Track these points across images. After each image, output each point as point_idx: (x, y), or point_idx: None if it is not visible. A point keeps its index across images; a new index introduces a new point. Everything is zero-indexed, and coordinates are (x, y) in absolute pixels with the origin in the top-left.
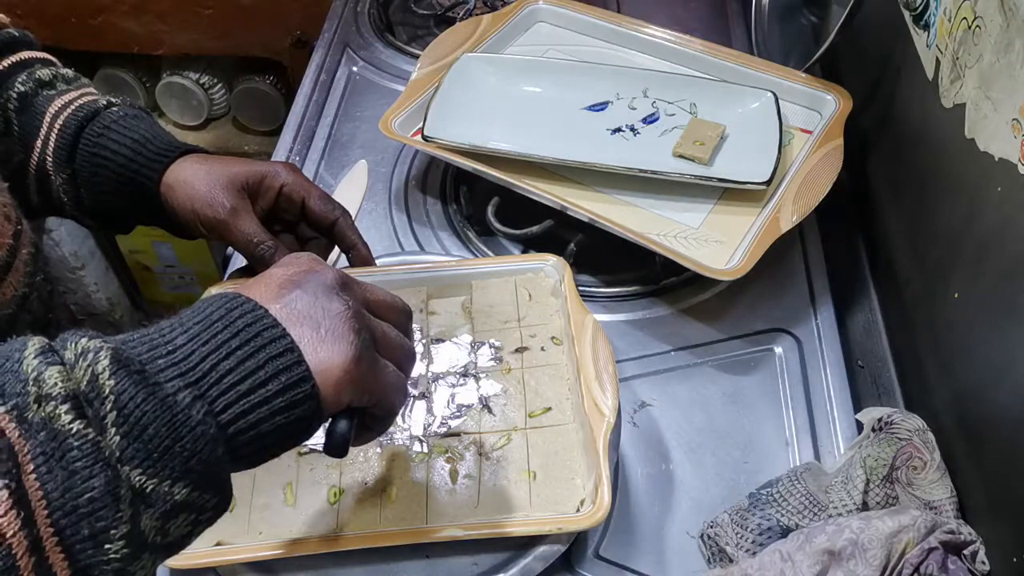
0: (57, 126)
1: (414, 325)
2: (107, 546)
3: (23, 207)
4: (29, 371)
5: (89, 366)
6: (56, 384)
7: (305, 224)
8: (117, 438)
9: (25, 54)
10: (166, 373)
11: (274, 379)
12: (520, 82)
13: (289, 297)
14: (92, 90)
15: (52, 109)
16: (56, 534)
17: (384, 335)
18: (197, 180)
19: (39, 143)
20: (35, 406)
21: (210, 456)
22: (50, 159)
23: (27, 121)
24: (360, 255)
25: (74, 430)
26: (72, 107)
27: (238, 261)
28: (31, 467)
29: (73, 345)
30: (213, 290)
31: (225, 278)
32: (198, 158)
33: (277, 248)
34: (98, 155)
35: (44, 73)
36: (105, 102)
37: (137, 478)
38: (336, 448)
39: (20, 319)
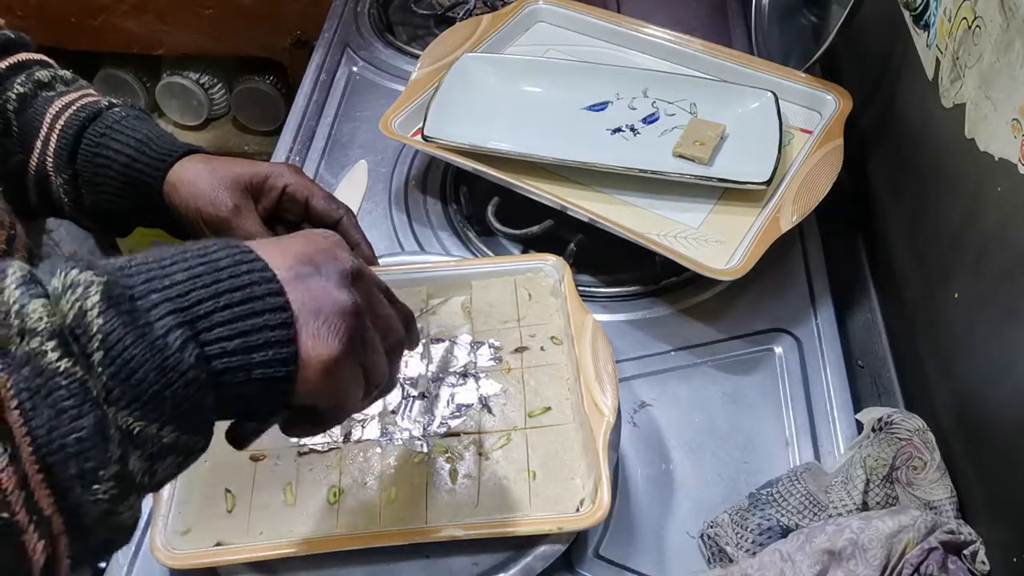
0: (58, 127)
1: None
2: (95, 486)
3: (21, 208)
4: (11, 302)
5: (78, 300)
6: (41, 319)
7: (308, 224)
8: (104, 378)
9: (23, 56)
10: (159, 309)
11: (262, 350)
12: (520, 82)
13: (301, 272)
14: (92, 91)
15: (52, 110)
16: (42, 471)
17: (373, 351)
18: (200, 179)
19: (39, 144)
20: (18, 339)
21: (201, 402)
22: (50, 160)
23: (27, 122)
24: (364, 254)
25: (61, 368)
26: (73, 108)
27: None
28: (14, 402)
29: (62, 275)
30: None
31: None
32: (201, 158)
33: None
34: (100, 155)
35: (43, 74)
36: (106, 103)
37: (124, 419)
38: (239, 439)
39: None
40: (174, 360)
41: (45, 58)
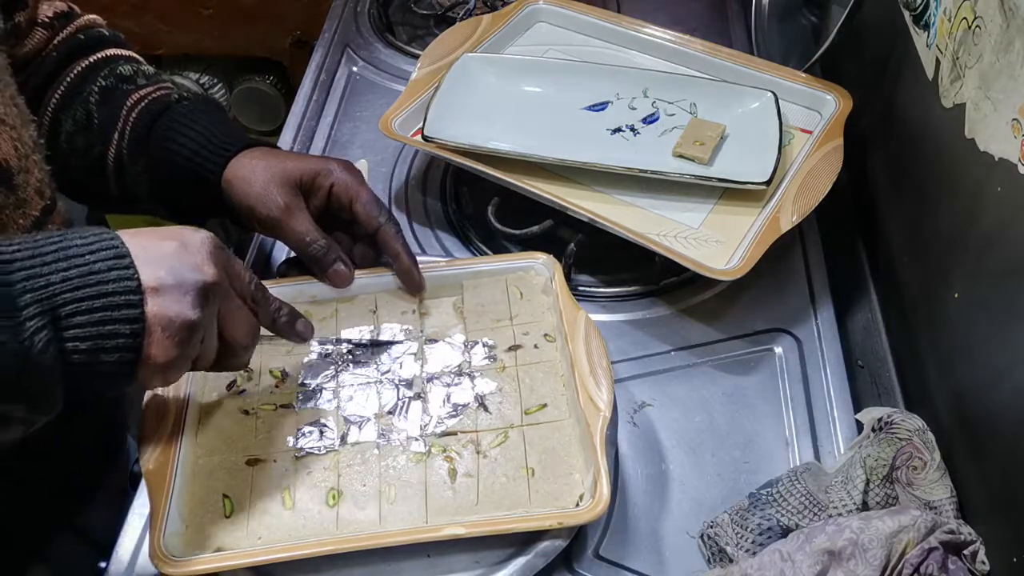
0: (132, 119)
1: (407, 327)
2: None
3: (103, 198)
4: None
5: None
6: None
7: (355, 225)
8: None
9: (111, 51)
10: (31, 309)
11: (112, 352)
12: (520, 82)
13: (164, 283)
14: (170, 86)
15: (129, 103)
16: None
17: (207, 349)
18: (253, 177)
19: (116, 135)
20: None
21: (51, 388)
22: (125, 152)
23: (106, 114)
24: (402, 265)
25: None
26: (147, 100)
27: None
28: None
29: None
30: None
31: (276, 272)
32: (259, 153)
33: (330, 247)
34: (166, 148)
35: (126, 69)
36: (177, 96)
37: None
38: None
39: None
40: (36, 358)
41: (133, 54)
